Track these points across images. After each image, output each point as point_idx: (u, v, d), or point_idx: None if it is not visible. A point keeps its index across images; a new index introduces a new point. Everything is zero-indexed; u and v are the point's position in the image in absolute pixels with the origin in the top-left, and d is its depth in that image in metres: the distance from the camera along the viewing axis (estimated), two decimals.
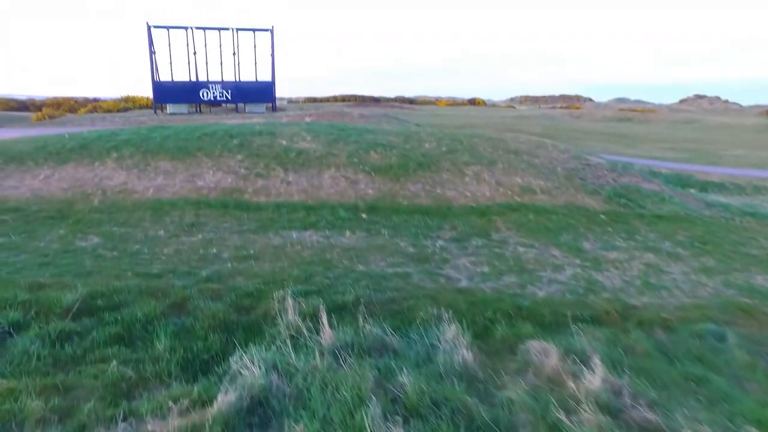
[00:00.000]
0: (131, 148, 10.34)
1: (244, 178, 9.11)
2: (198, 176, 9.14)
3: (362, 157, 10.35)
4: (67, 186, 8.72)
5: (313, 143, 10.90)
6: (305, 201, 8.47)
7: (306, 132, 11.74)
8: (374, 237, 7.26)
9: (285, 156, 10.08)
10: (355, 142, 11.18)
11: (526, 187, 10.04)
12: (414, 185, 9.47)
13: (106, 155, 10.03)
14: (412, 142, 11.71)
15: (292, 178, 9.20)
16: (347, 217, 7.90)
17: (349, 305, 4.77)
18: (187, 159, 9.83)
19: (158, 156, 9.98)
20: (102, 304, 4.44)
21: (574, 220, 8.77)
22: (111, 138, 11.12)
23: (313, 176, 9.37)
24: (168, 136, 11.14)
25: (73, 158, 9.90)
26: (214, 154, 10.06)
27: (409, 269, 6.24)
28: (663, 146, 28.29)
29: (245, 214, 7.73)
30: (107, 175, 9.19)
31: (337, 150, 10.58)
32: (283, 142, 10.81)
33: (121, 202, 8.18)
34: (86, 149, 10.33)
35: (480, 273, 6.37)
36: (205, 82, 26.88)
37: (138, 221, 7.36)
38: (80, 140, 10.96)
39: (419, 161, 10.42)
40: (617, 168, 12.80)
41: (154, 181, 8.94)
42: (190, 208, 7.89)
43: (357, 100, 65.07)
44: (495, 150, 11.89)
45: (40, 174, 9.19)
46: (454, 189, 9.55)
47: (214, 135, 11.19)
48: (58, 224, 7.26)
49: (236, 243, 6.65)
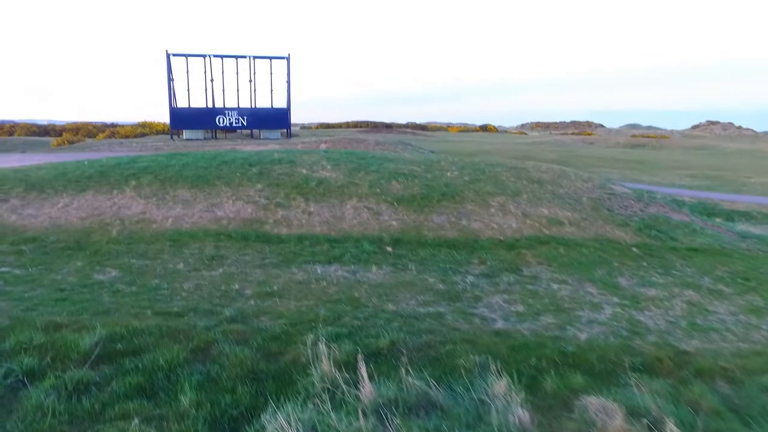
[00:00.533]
0: (150, 176, 10.20)
1: (264, 208, 8.89)
2: (217, 206, 8.93)
3: (384, 187, 10.11)
4: (86, 215, 8.55)
5: (333, 172, 10.70)
6: (328, 233, 8.20)
7: (326, 160, 11.56)
8: (402, 272, 6.94)
9: (305, 185, 9.87)
10: (376, 171, 10.97)
11: (553, 218, 9.71)
12: (438, 217, 9.18)
13: (125, 183, 9.89)
14: (433, 172, 11.47)
15: (313, 209, 8.96)
16: (372, 250, 7.61)
17: (384, 351, 4.43)
18: (206, 188, 9.66)
19: (177, 184, 9.82)
20: (122, 348, 4.14)
21: (606, 254, 8.39)
22: (130, 165, 11.02)
23: (335, 207, 9.12)
24: (187, 164, 11.01)
25: (92, 186, 9.77)
26: (234, 183, 9.88)
27: (441, 308, 5.90)
28: (682, 173, 27.83)
29: (267, 247, 7.48)
30: (126, 203, 9.02)
31: (358, 179, 10.36)
32: (303, 171, 10.63)
33: (139, 232, 7.97)
34: (105, 177, 10.22)
35: (515, 312, 6.01)
36: (221, 108, 27.13)
37: (157, 253, 7.13)
38: (99, 167, 10.87)
39: (442, 191, 10.15)
40: (643, 197, 12.43)
41: (172, 211, 8.74)
42: (210, 239, 7.65)
43: (369, 126, 65.51)
44: (518, 180, 11.61)
45: (59, 202, 9.04)
46: (480, 221, 9.24)
47: (233, 163, 11.05)
48: (75, 255, 7.05)
49: (259, 278, 6.37)
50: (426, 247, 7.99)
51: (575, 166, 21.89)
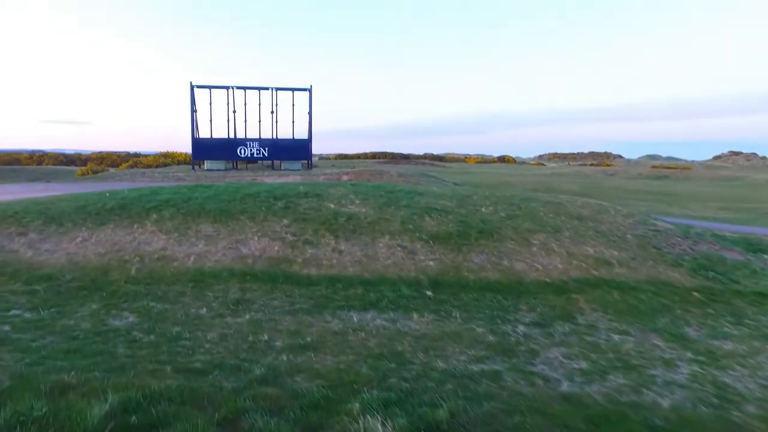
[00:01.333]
0: (171, 209, 9.74)
1: (291, 245, 8.31)
2: (242, 243, 8.38)
3: (417, 223, 9.49)
4: (104, 251, 8.05)
5: (362, 207, 10.13)
6: (361, 274, 7.56)
7: (354, 194, 11.02)
8: (446, 321, 6.24)
9: (334, 221, 9.30)
10: (407, 206, 10.38)
11: (600, 258, 8.95)
12: (478, 256, 8.50)
13: (146, 217, 9.43)
14: (467, 207, 10.84)
15: (344, 247, 8.35)
16: (411, 294, 6.94)
17: (444, 426, 3.71)
18: (230, 222, 9.14)
19: (199, 218, 9.33)
20: (137, 421, 3.50)
21: (665, 299, 7.59)
22: (151, 198, 10.60)
23: (366, 245, 8.51)
24: (210, 197, 10.56)
25: (112, 219, 9.33)
26: (258, 218, 9.36)
27: (496, 365, 5.17)
28: (713, 206, 26.77)
29: (296, 290, 6.86)
30: (146, 239, 8.53)
31: (389, 215, 9.77)
32: (330, 206, 10.08)
33: (159, 271, 7.42)
34: (126, 210, 9.78)
35: (579, 371, 5.25)
36: (242, 139, 27.06)
37: (178, 296, 6.55)
38: (120, 200, 10.47)
39: (479, 228, 9.49)
40: (690, 234, 11.59)
41: (195, 247, 8.21)
42: (235, 280, 7.06)
43: (387, 157, 65.53)
44: (557, 215, 10.90)
45: (77, 237, 8.59)
46: (522, 260, 8.52)
47: (257, 196, 10.56)
48: (91, 297, 6.50)
49: (289, 327, 5.72)
50: (468, 291, 7.29)
51: (600, 199, 21.08)
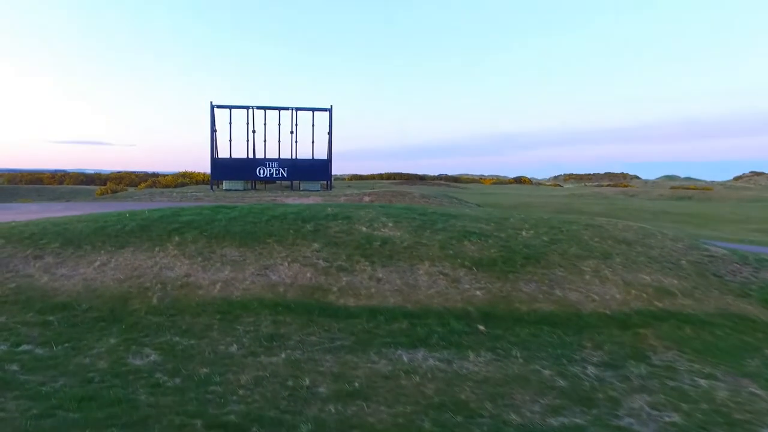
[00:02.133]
0: (194, 232, 9.14)
1: (325, 272, 7.62)
2: (271, 269, 7.71)
3: (457, 248, 8.76)
4: (123, 277, 7.44)
5: (396, 230, 9.44)
6: (403, 305, 6.82)
7: (385, 217, 10.35)
8: (506, 361, 5.46)
9: (368, 246, 8.60)
10: (443, 229, 9.67)
11: (659, 287, 8.11)
12: (527, 285, 7.72)
13: (167, 239, 8.84)
14: (506, 230, 10.09)
15: (381, 275, 7.63)
16: (461, 329, 6.18)
17: None
18: (257, 246, 8.49)
19: (224, 242, 8.70)
20: None
21: (746, 336, 6.72)
22: (173, 219, 10.02)
23: (405, 272, 7.79)
24: (234, 219, 9.95)
25: (132, 242, 8.75)
26: (287, 241, 8.70)
27: (576, 418, 4.37)
28: (747, 227, 25.56)
29: (334, 323, 6.13)
30: (168, 263, 7.90)
31: (425, 239, 9.06)
32: (362, 229, 9.40)
33: (183, 300, 6.76)
34: (146, 231, 9.21)
35: (673, 425, 4.43)
36: (262, 159, 26.72)
37: (204, 329, 5.87)
38: (141, 221, 9.91)
39: (524, 254, 8.72)
40: (749, 260, 10.67)
41: (220, 273, 7.56)
42: (267, 312, 6.37)
43: (403, 177, 65.07)
44: (602, 240, 10.09)
45: (95, 260, 8.00)
46: (576, 290, 7.72)
47: (284, 219, 9.93)
48: (109, 329, 5.85)
49: (332, 368, 4.99)
50: (523, 325, 6.51)
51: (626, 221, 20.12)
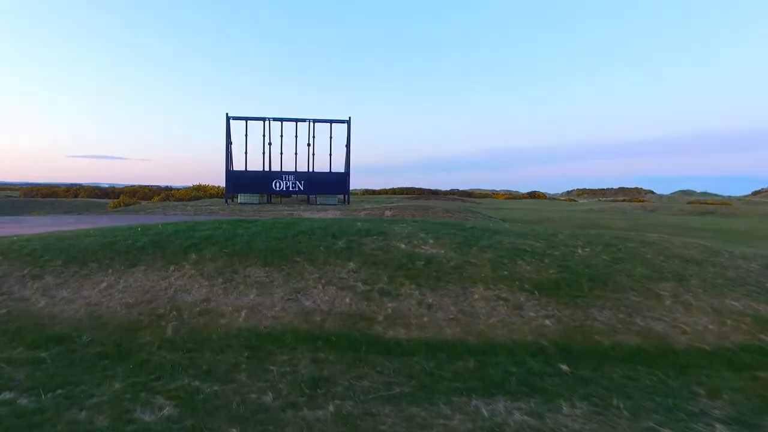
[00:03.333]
0: (214, 248, 8.08)
1: (366, 297, 6.48)
2: (303, 293, 6.59)
3: (510, 268, 7.60)
4: (133, 301, 6.35)
5: (439, 247, 8.31)
6: (464, 338, 5.65)
7: (423, 232, 9.23)
8: (608, 415, 4.26)
9: (411, 265, 7.47)
10: (489, 247, 8.52)
11: (757, 316, 6.86)
12: (601, 312, 6.53)
13: (183, 257, 7.77)
14: (559, 247, 8.91)
15: (432, 300, 6.49)
16: (541, 369, 4.99)
17: None
18: (285, 266, 7.39)
19: (248, 260, 7.62)
20: None
21: None
22: (189, 234, 8.97)
23: (458, 296, 6.63)
24: (257, 234, 8.88)
25: (144, 259, 7.69)
26: (318, 260, 7.60)
27: None
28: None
29: (387, 363, 4.97)
30: (184, 285, 6.82)
31: (473, 257, 7.91)
32: (401, 246, 8.28)
33: (202, 330, 5.65)
34: (160, 248, 8.16)
35: None
36: (278, 172, 25.77)
37: (230, 370, 4.74)
38: (154, 235, 8.87)
39: (588, 275, 7.54)
40: None
41: (245, 297, 6.45)
42: (304, 347, 5.22)
43: (415, 192, 64.01)
44: (667, 258, 8.88)
45: (101, 281, 6.94)
46: (659, 318, 6.51)
47: (312, 234, 8.84)
48: (113, 370, 4.74)
49: (396, 428, 3.83)
50: (612, 364, 5.30)
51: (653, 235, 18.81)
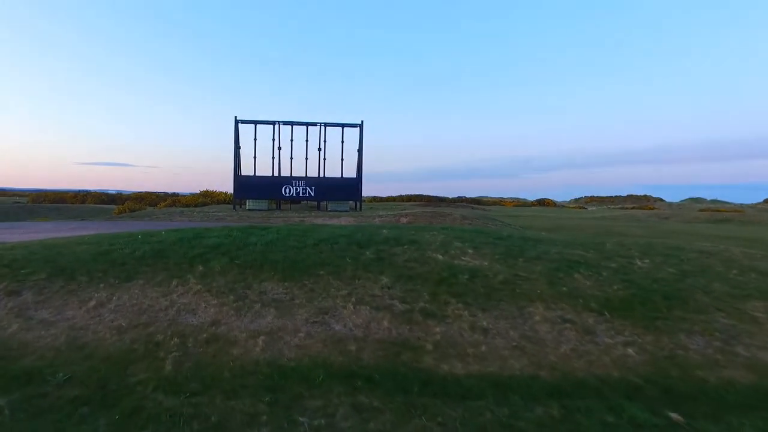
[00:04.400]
0: (223, 259, 6.96)
1: (407, 319, 5.32)
2: (332, 313, 5.44)
3: (568, 283, 6.43)
4: (126, 324, 5.21)
5: (481, 259, 7.15)
6: (536, 373, 4.46)
7: (458, 241, 8.08)
8: None
9: (453, 280, 6.31)
10: (537, 258, 7.36)
11: None
12: (690, 338, 5.33)
13: (189, 269, 6.65)
14: (614, 259, 7.73)
15: (486, 323, 5.31)
16: (646, 419, 3.80)
17: None
18: (307, 280, 6.25)
19: (262, 273, 6.48)
20: None
21: None
22: (195, 242, 7.86)
23: (515, 318, 5.46)
24: (272, 243, 7.76)
25: (143, 272, 6.57)
26: (345, 274, 6.45)
27: None
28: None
29: (448, 410, 3.79)
30: (189, 304, 5.68)
31: (523, 270, 6.75)
32: (438, 257, 7.13)
33: (211, 364, 4.49)
34: (162, 258, 7.04)
35: None
36: (288, 177, 24.67)
37: (247, 423, 3.57)
38: (155, 243, 7.77)
39: (661, 292, 6.35)
40: None
41: (262, 320, 5.30)
42: (340, 387, 4.05)
43: (424, 200, 62.94)
44: (743, 272, 7.67)
45: (90, 298, 5.81)
46: (765, 347, 5.32)
47: (335, 243, 7.71)
48: (93, 422, 3.57)
49: None
50: (733, 411, 4.11)
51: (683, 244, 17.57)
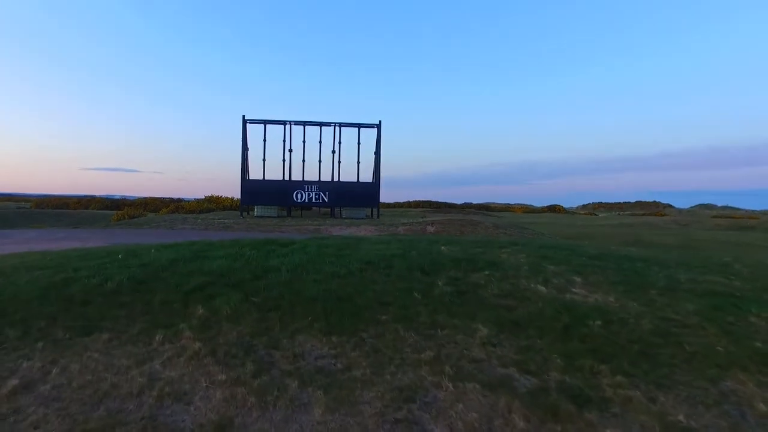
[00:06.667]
0: (234, 295, 4.71)
1: (548, 408, 3.02)
2: (420, 400, 3.16)
3: (749, 331, 4.16)
4: (68, 427, 2.95)
5: (599, 292, 4.89)
6: None
7: (548, 262, 5.84)
8: None
9: (584, 329, 4.02)
10: (670, 289, 5.08)
11: None
12: None
13: (182, 312, 4.41)
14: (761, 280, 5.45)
15: (680, 414, 3.03)
16: None
17: None
18: (365, 331, 3.98)
19: (294, 319, 4.23)
20: None
21: None
22: (194, 266, 5.64)
23: (719, 404, 3.18)
24: (301, 267, 5.52)
25: (112, 317, 4.32)
26: (420, 319, 4.19)
27: None
28: None
29: None
30: (179, 382, 3.42)
31: (671, 311, 4.47)
32: (539, 289, 4.87)
33: None
34: (144, 293, 4.81)
35: None
36: (299, 181, 22.42)
37: None
38: (138, 268, 5.53)
39: None
40: None
41: (303, 416, 3.03)
42: None
43: (432, 206, 60.79)
44: None
45: (14, 373, 3.55)
46: None
47: (387, 265, 5.47)
48: None
49: None
50: None
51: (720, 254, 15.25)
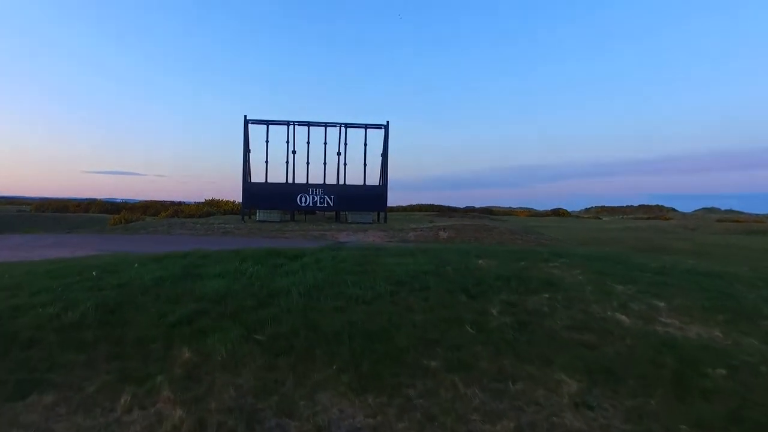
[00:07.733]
0: (232, 331, 3.62)
1: None
2: None
3: None
4: None
5: (695, 322, 3.79)
6: None
7: (612, 280, 4.75)
8: None
9: (705, 382, 2.91)
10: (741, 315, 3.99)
11: None
12: None
13: (163, 357, 3.32)
14: None
15: None
16: None
17: None
18: (410, 387, 2.87)
19: (313, 367, 3.14)
20: None
21: None
22: (182, 288, 4.55)
23: None
24: (316, 289, 4.43)
25: (63, 366, 3.21)
26: (480, 365, 3.09)
27: None
28: None
29: None
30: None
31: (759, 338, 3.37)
32: (621, 319, 3.75)
33: None
34: (114, 325, 3.73)
35: None
36: (303, 184, 21.28)
37: None
38: (114, 289, 4.45)
39: None
40: None
41: None
42: None
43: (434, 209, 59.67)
44: None
45: None
46: None
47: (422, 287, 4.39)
48: None
49: None
50: None
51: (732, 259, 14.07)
